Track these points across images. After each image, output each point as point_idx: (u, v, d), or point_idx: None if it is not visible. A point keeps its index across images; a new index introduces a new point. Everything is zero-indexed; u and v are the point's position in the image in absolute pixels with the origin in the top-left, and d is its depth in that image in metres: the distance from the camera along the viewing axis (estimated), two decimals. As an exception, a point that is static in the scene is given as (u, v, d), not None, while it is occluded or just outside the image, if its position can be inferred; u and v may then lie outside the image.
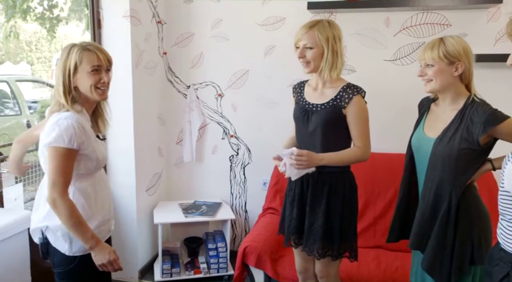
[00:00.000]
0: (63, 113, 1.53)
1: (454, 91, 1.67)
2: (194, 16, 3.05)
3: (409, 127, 1.93)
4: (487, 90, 1.72)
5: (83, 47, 1.56)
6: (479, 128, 1.54)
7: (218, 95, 3.10)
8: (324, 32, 1.81)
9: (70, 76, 1.54)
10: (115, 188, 2.82)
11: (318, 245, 1.89)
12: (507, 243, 1.17)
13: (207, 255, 2.91)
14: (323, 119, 1.85)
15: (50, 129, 1.50)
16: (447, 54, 1.62)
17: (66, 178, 1.51)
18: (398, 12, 2.69)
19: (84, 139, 1.53)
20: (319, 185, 1.89)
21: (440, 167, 1.64)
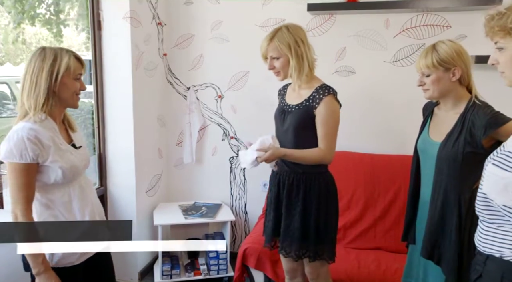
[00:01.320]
0: (16, 126, 1.46)
1: (454, 95, 1.67)
2: (194, 17, 3.05)
3: (409, 129, 1.93)
4: (489, 91, 1.72)
5: (70, 53, 1.53)
6: (481, 131, 1.54)
7: (218, 96, 3.10)
8: (284, 40, 1.84)
9: (56, 81, 1.48)
10: (115, 189, 2.82)
11: (295, 247, 1.90)
12: (482, 244, 1.18)
13: (207, 256, 2.91)
14: (295, 119, 1.88)
15: (3, 143, 1.44)
16: (441, 62, 1.62)
17: (26, 193, 1.45)
18: (398, 14, 2.69)
19: (40, 151, 1.45)
20: (294, 186, 1.91)
21: (446, 171, 1.63)
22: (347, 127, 2.86)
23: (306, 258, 1.93)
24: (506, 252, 1.12)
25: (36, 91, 1.46)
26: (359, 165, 2.74)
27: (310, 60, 1.88)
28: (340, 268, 2.34)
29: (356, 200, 2.69)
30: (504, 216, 1.12)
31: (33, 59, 1.48)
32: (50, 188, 1.52)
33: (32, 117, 1.46)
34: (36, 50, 1.51)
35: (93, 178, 2.77)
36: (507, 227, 1.12)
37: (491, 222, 1.16)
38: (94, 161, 2.77)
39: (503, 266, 1.12)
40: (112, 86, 2.72)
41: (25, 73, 1.48)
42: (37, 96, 1.46)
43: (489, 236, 1.17)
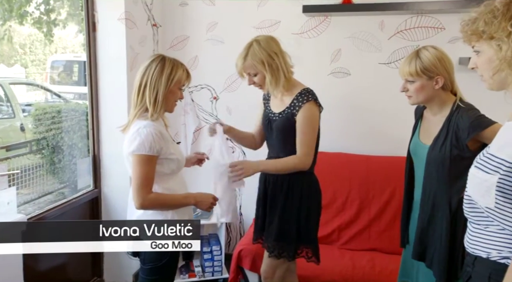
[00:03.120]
0: (142, 122, 1.66)
1: (438, 101, 1.68)
2: (189, 19, 3.05)
3: (403, 130, 1.94)
4: (477, 93, 1.73)
5: (183, 65, 1.75)
6: (465, 134, 1.55)
7: (213, 98, 3.10)
8: (256, 57, 1.86)
9: (169, 88, 1.68)
10: (109, 191, 2.80)
11: (274, 245, 1.93)
12: (470, 245, 1.19)
13: (202, 258, 2.90)
14: (279, 128, 1.92)
15: (132, 138, 1.64)
16: (424, 70, 1.63)
17: (148, 181, 1.65)
18: (393, 16, 2.70)
19: (163, 144, 1.66)
20: (278, 185, 1.95)
21: (435, 174, 1.64)
22: (342, 128, 2.88)
23: (284, 257, 1.95)
24: (492, 252, 1.12)
25: (154, 93, 1.67)
26: (354, 166, 2.74)
27: (286, 71, 1.89)
28: (334, 269, 2.35)
29: (351, 201, 2.70)
30: (488, 217, 1.13)
31: (153, 65, 1.68)
32: (166, 178, 1.73)
33: (150, 117, 1.67)
34: (155, 57, 1.71)
35: (87, 180, 2.76)
36: (493, 228, 1.13)
37: (478, 224, 1.17)
38: (88, 163, 2.76)
39: (490, 267, 1.12)
40: (107, 88, 2.71)
41: (143, 76, 1.68)
42: (155, 98, 1.67)
43: (477, 237, 1.18)
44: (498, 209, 1.09)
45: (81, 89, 2.97)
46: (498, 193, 1.08)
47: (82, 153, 2.79)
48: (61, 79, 3.40)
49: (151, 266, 1.70)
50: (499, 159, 1.08)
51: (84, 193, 2.68)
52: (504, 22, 1.06)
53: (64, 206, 2.46)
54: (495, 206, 1.09)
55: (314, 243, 1.99)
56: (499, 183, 1.07)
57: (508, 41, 1.05)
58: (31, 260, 2.12)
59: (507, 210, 1.08)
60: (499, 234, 1.12)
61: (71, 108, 2.96)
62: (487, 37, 1.10)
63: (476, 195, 1.15)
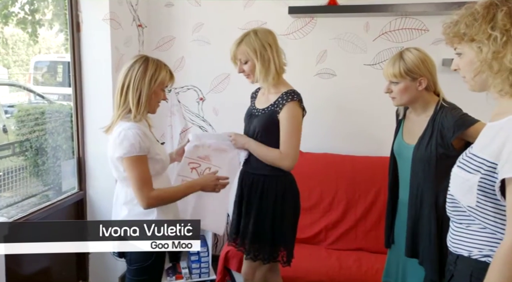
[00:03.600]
0: (125, 124, 1.65)
1: (422, 101, 1.71)
2: (175, 20, 3.04)
3: (388, 131, 1.96)
4: (460, 94, 1.75)
5: (166, 66, 1.74)
6: (450, 132, 1.58)
7: (199, 99, 3.09)
8: (250, 44, 1.88)
9: (152, 89, 1.68)
10: (95, 193, 2.77)
11: (249, 247, 1.94)
12: (453, 244, 1.21)
13: (189, 260, 2.88)
14: (259, 123, 1.93)
15: (119, 142, 1.62)
16: (408, 71, 1.65)
17: (148, 180, 1.66)
18: (377, 18, 2.73)
19: (149, 144, 1.66)
20: (254, 186, 1.96)
21: (421, 174, 1.66)
22: (328, 129, 2.90)
23: (260, 260, 1.96)
24: (474, 251, 1.14)
25: (137, 94, 1.66)
26: (340, 167, 2.76)
27: (278, 65, 1.90)
28: (321, 270, 2.36)
29: (338, 202, 2.71)
30: (470, 216, 1.15)
31: (136, 66, 1.67)
32: (152, 179, 1.69)
33: (133, 118, 1.66)
34: (138, 58, 1.70)
35: (72, 182, 2.72)
36: (474, 227, 1.15)
37: (460, 223, 1.19)
38: (73, 165, 2.73)
39: (472, 265, 1.14)
40: (91, 89, 2.68)
41: (126, 77, 1.67)
42: (138, 99, 1.66)
43: (459, 236, 1.20)
44: (479, 208, 1.11)
45: (66, 90, 2.93)
46: (480, 192, 1.10)
47: (67, 154, 2.76)
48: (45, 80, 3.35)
49: (138, 267, 1.70)
50: (480, 158, 1.10)
51: (69, 195, 2.65)
52: (484, 25, 1.08)
53: (48, 209, 2.43)
54: (476, 205, 1.11)
55: (289, 246, 1.99)
56: (481, 182, 1.09)
57: (488, 44, 1.07)
58: (14, 263, 2.09)
59: (488, 209, 1.10)
60: (480, 232, 1.14)
61: (55, 109, 2.92)
62: (468, 39, 1.12)
63: (458, 194, 1.17)
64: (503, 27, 1.05)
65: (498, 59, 1.07)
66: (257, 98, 2.07)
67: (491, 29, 1.07)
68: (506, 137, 1.04)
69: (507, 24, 1.05)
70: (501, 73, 1.07)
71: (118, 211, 1.80)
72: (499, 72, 1.08)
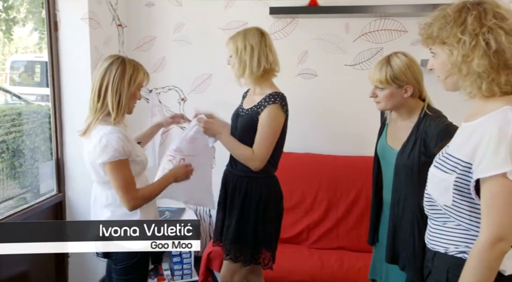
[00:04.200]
0: (105, 128, 1.62)
1: (407, 108, 1.71)
2: (155, 19, 3.01)
3: (369, 130, 1.98)
4: (440, 95, 1.79)
5: (143, 68, 1.72)
6: (433, 142, 1.58)
7: (181, 99, 3.07)
8: (235, 42, 1.91)
9: (131, 91, 1.66)
10: (74, 195, 2.73)
11: (231, 247, 1.94)
12: (430, 241, 1.24)
13: (171, 261, 2.86)
14: (242, 123, 1.95)
15: (102, 147, 1.60)
16: (394, 79, 1.64)
17: (132, 182, 1.66)
18: (357, 19, 2.76)
19: (131, 147, 1.66)
20: (237, 189, 1.96)
21: (404, 179, 1.66)
22: (309, 129, 2.91)
23: (240, 262, 1.95)
24: (450, 247, 1.17)
25: (117, 97, 1.63)
26: (322, 166, 2.78)
27: (254, 68, 1.88)
28: (303, 269, 2.37)
29: (319, 201, 2.73)
30: (445, 214, 1.18)
31: (113, 67, 1.64)
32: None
33: (113, 121, 1.63)
34: (113, 59, 1.66)
35: (50, 184, 2.67)
36: (450, 224, 1.17)
37: (437, 220, 1.22)
38: (51, 166, 2.68)
39: (448, 261, 1.17)
40: (70, 89, 2.64)
41: (103, 79, 1.63)
42: (118, 102, 1.64)
43: (436, 233, 1.22)
44: (455, 207, 1.14)
45: (43, 90, 2.87)
46: (455, 192, 1.12)
47: (45, 156, 2.71)
48: (22, 80, 3.28)
49: (124, 266, 1.70)
50: (456, 158, 1.13)
51: (47, 197, 2.60)
52: (455, 29, 1.10)
53: (26, 212, 2.38)
54: (452, 204, 1.13)
55: (272, 249, 1.98)
56: (456, 181, 1.11)
57: (458, 47, 1.09)
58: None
59: (463, 208, 1.12)
60: (456, 229, 1.16)
61: (32, 110, 2.86)
62: (440, 42, 1.14)
63: (435, 193, 1.19)
64: (473, 32, 1.07)
65: (467, 63, 1.09)
66: (246, 98, 2.08)
67: (461, 33, 1.08)
68: (480, 138, 1.06)
69: (477, 28, 1.07)
70: (469, 76, 1.10)
71: (98, 213, 1.78)
72: (468, 75, 1.10)
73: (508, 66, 1.07)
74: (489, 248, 1.02)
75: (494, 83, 1.08)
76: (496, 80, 1.07)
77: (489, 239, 1.03)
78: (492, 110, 1.08)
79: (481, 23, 1.07)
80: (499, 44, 1.06)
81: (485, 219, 1.05)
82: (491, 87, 1.08)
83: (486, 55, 1.06)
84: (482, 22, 1.07)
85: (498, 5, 1.10)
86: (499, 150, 1.01)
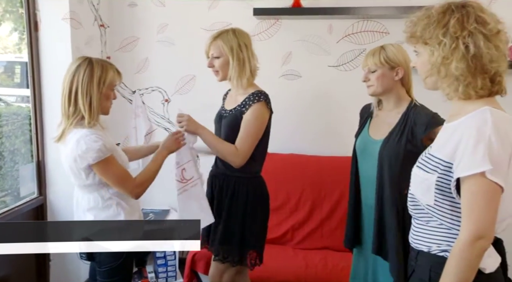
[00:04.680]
0: (81, 131, 1.60)
1: (396, 94, 1.77)
2: (138, 20, 2.99)
3: (353, 131, 1.99)
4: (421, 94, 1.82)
5: (112, 65, 1.69)
6: (422, 129, 1.64)
7: (164, 100, 3.05)
8: (227, 41, 1.87)
9: (102, 92, 1.63)
10: (56, 198, 2.69)
11: (219, 248, 1.93)
12: (414, 240, 1.26)
13: (155, 264, 2.84)
14: (227, 123, 1.93)
15: (82, 151, 1.57)
16: (388, 60, 1.72)
17: (125, 173, 1.68)
18: (340, 20, 2.78)
19: (112, 142, 1.67)
20: (224, 187, 1.95)
21: (387, 168, 1.70)
22: (294, 130, 2.92)
23: (228, 262, 1.95)
24: (433, 246, 1.19)
25: (88, 100, 1.60)
26: (306, 167, 2.79)
27: (253, 67, 1.91)
28: (288, 269, 2.38)
29: (304, 202, 2.74)
30: (428, 213, 1.19)
31: (81, 70, 1.60)
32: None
33: (88, 124, 1.61)
34: (80, 61, 1.63)
35: (31, 187, 2.62)
36: (433, 223, 1.19)
37: (420, 220, 1.24)
38: (32, 169, 2.63)
39: (431, 260, 1.18)
40: (51, 90, 2.60)
41: (72, 82, 1.60)
42: (90, 104, 1.60)
43: (419, 232, 1.24)
44: (437, 206, 1.15)
45: (24, 91, 2.82)
46: (437, 191, 1.14)
47: (25, 158, 2.66)
48: (1, 81, 3.21)
49: (108, 268, 1.68)
50: (437, 158, 1.15)
51: (28, 200, 2.55)
52: (437, 30, 1.12)
53: (6, 215, 2.33)
54: (434, 203, 1.15)
55: (259, 248, 1.99)
56: (438, 181, 1.13)
57: (439, 49, 1.11)
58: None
59: (445, 207, 1.14)
60: (438, 229, 1.18)
61: (12, 111, 2.81)
62: (423, 42, 1.16)
63: (418, 193, 1.21)
64: (454, 35, 1.09)
65: (446, 65, 1.11)
66: (226, 100, 2.08)
67: (443, 35, 1.10)
68: (459, 138, 1.08)
69: (458, 31, 1.09)
70: (447, 78, 1.12)
71: (81, 217, 1.76)
72: (446, 77, 1.12)
73: (485, 70, 1.09)
74: (469, 246, 1.04)
75: (470, 86, 1.10)
76: (472, 84, 1.10)
77: (469, 237, 1.04)
78: (471, 110, 1.10)
79: (463, 26, 1.09)
80: (477, 49, 1.08)
81: (465, 217, 1.07)
82: (467, 90, 1.10)
83: (464, 58, 1.08)
84: (464, 26, 1.09)
85: (482, 9, 1.12)
86: (477, 150, 1.03)
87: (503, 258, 1.17)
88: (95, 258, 1.73)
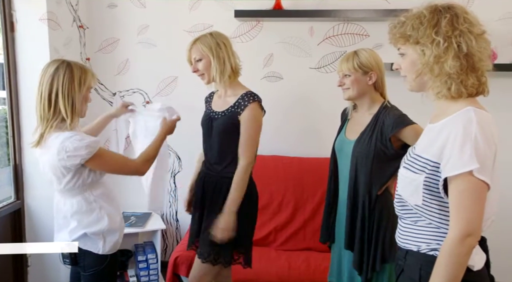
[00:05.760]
0: (63, 134, 1.57)
1: (369, 98, 1.83)
2: (118, 21, 2.95)
3: (334, 132, 2.02)
4: (399, 96, 1.85)
5: (90, 69, 1.69)
6: (389, 129, 1.70)
7: (146, 102, 3.02)
8: (206, 42, 1.90)
9: (83, 94, 1.63)
10: (34, 203, 2.63)
11: (210, 250, 1.92)
12: (402, 240, 1.27)
13: (137, 267, 2.81)
14: (221, 125, 1.93)
15: (71, 151, 1.55)
16: (361, 65, 1.78)
17: (122, 157, 1.77)
18: (321, 22, 2.80)
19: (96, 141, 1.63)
20: (217, 190, 1.95)
21: (359, 167, 1.76)
22: (276, 131, 2.93)
23: (220, 263, 1.93)
24: (422, 246, 1.20)
25: (69, 102, 1.58)
26: (288, 168, 2.80)
27: (233, 64, 1.92)
28: (271, 271, 2.39)
29: (286, 203, 2.75)
30: (416, 213, 1.21)
31: (60, 72, 1.58)
32: (92, 185, 1.68)
33: (69, 126, 1.59)
34: (58, 63, 1.60)
35: (8, 191, 2.56)
36: (422, 223, 1.21)
37: (408, 220, 1.25)
38: (9, 172, 2.57)
39: (421, 259, 1.20)
40: (28, 92, 2.54)
41: (51, 85, 1.57)
42: (72, 107, 1.59)
43: (407, 232, 1.25)
44: (425, 206, 1.17)
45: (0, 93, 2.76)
46: (425, 191, 1.15)
47: (2, 162, 2.59)
48: (-24, 83, 3.13)
49: (93, 272, 1.68)
50: (424, 159, 1.16)
51: (5, 205, 2.49)
52: (429, 29, 1.14)
53: (-18, 220, 2.28)
54: (422, 203, 1.17)
55: (249, 248, 2.00)
56: (426, 181, 1.15)
57: (432, 48, 1.13)
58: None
59: (433, 207, 1.16)
60: (427, 228, 1.20)
61: (-12, 114, 2.74)
62: (413, 41, 1.18)
63: (405, 194, 1.22)
64: (446, 34, 1.12)
65: (439, 64, 1.13)
66: (213, 102, 2.05)
67: (435, 34, 1.12)
68: (446, 138, 1.10)
69: (449, 31, 1.11)
70: (440, 77, 1.14)
71: (61, 224, 1.74)
72: (439, 76, 1.14)
73: (475, 69, 1.13)
74: (458, 243, 1.06)
75: (462, 84, 1.12)
76: (464, 82, 1.12)
77: (458, 235, 1.06)
78: (456, 111, 1.12)
79: (454, 26, 1.12)
80: (469, 48, 1.11)
81: (453, 216, 1.08)
82: (459, 88, 1.12)
83: (457, 57, 1.11)
84: (455, 26, 1.12)
85: (466, 11, 1.15)
86: (464, 149, 1.05)
87: (487, 256, 1.20)
88: (79, 262, 1.71)
